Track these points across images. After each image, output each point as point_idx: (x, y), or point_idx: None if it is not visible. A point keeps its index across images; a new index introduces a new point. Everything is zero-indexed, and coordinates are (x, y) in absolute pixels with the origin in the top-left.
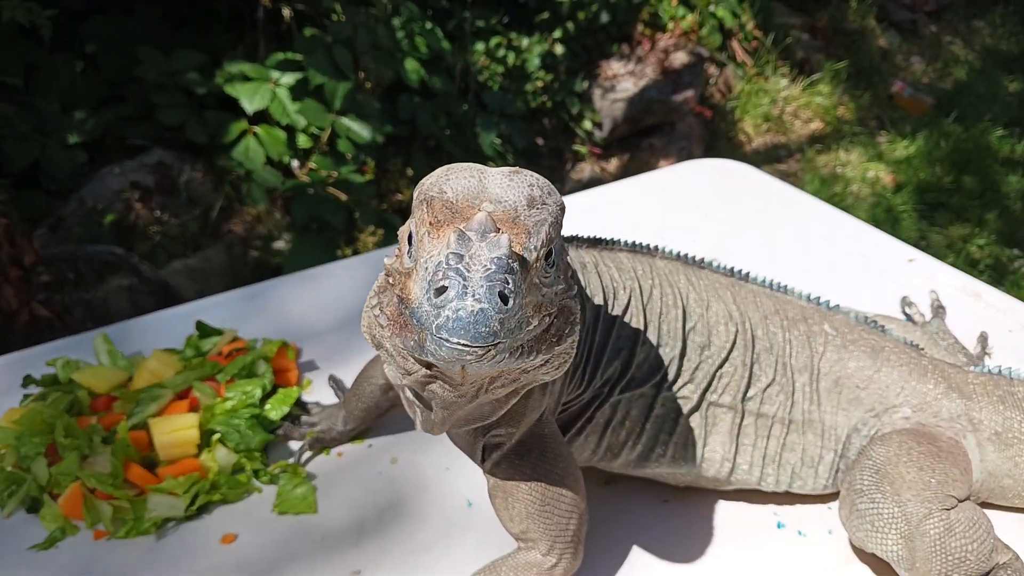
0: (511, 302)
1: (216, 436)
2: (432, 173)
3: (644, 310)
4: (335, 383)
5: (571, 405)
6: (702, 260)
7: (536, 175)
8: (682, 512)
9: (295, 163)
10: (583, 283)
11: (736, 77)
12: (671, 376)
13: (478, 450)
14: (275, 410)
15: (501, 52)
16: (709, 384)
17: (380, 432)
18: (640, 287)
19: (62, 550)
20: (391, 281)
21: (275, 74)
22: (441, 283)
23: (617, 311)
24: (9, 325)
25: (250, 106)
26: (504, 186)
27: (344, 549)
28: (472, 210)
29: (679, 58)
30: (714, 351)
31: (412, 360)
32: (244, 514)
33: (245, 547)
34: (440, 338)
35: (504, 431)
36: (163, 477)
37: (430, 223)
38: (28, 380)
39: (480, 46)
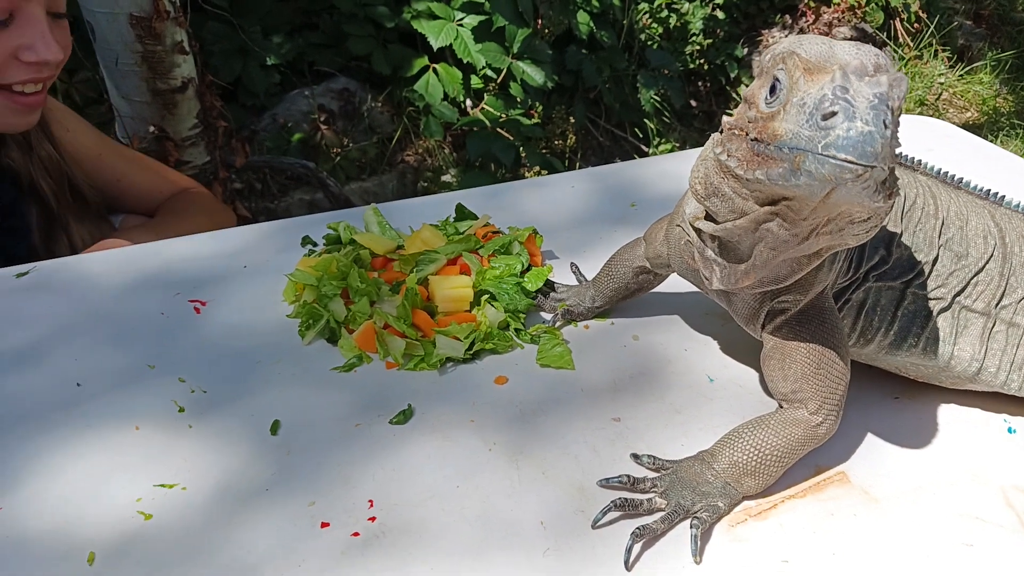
0: (889, 132)
1: (485, 297)
2: (781, 41)
3: (903, 216)
4: (577, 269)
5: (836, 287)
6: (959, 180)
7: (877, 49)
8: (912, 409)
9: (468, 102)
10: None
11: (894, 57)
12: (923, 277)
13: (762, 314)
14: (531, 283)
15: (663, 13)
16: (963, 289)
17: (621, 314)
18: (904, 195)
19: (359, 375)
20: (737, 132)
21: (459, 14)
22: (830, 109)
23: None
24: None
25: (435, 42)
26: (852, 53)
27: (602, 400)
28: (828, 70)
29: (842, 32)
30: (971, 261)
31: (752, 200)
32: (511, 363)
33: (516, 388)
34: (825, 156)
35: (791, 298)
36: (444, 325)
37: (804, 69)
38: (306, 240)
39: (644, 5)
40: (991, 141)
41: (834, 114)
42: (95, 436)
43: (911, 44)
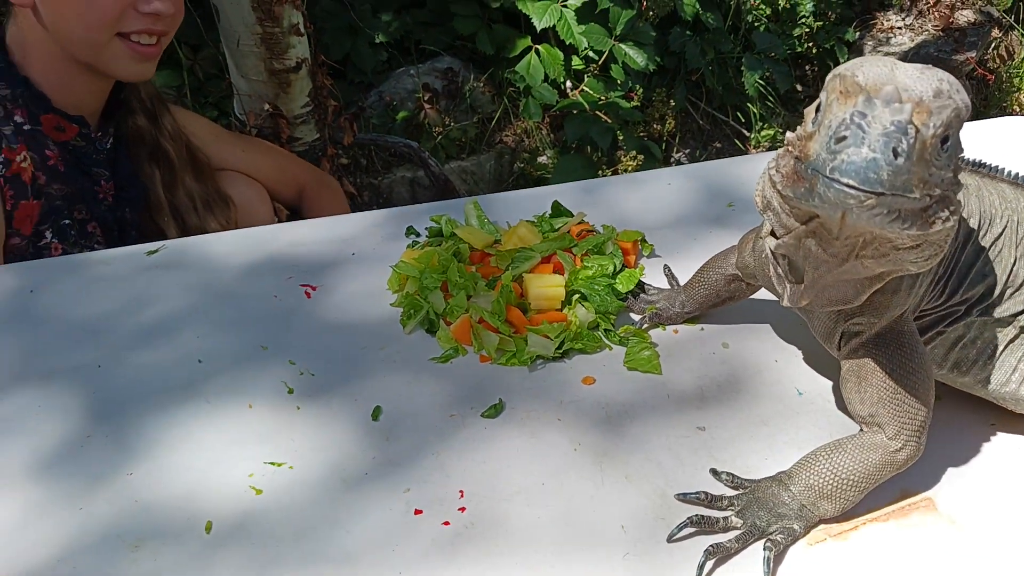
0: (901, 160)
1: (577, 297)
2: (848, 61)
3: (1018, 244)
4: (669, 272)
5: (927, 315)
6: None
7: (948, 74)
8: (1007, 437)
9: (568, 84)
10: (962, 203)
11: (1021, 43)
12: None
13: (836, 335)
14: (622, 284)
15: None
16: None
17: (712, 320)
18: (1020, 220)
19: (454, 366)
20: (790, 149)
21: None
22: (842, 134)
23: (990, 238)
24: None
25: (539, 23)
26: (913, 77)
27: (688, 408)
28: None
29: (965, 15)
30: None
31: (793, 217)
32: (599, 364)
33: (603, 389)
34: (830, 179)
35: (865, 320)
36: (536, 323)
37: (840, 92)
38: (410, 231)
39: None
40: None
41: (844, 138)
42: (213, 412)
43: None
